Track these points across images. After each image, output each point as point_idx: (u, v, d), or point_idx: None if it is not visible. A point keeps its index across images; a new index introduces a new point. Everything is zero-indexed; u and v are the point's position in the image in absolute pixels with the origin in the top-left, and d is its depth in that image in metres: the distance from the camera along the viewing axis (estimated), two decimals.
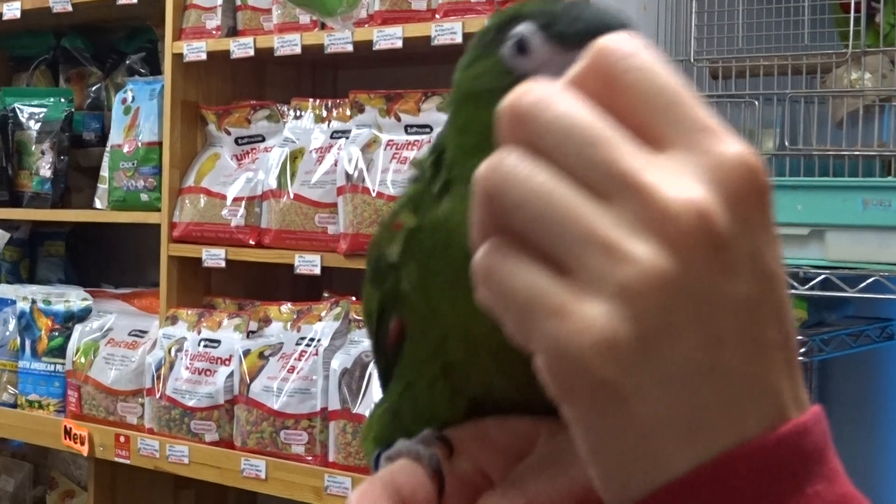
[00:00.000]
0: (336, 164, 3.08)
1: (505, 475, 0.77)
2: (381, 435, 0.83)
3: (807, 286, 2.25)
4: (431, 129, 2.94)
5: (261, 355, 3.17)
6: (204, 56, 3.37)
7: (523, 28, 0.76)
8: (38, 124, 3.96)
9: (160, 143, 3.50)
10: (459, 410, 0.80)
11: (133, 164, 3.56)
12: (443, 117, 2.89)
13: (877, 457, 2.88)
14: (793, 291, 2.27)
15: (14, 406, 3.78)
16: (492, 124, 0.66)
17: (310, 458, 3.01)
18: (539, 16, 0.77)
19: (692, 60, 2.43)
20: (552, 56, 0.76)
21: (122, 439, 3.41)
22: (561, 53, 0.75)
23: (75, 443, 3.51)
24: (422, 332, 0.80)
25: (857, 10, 2.24)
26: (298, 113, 3.30)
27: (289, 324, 3.18)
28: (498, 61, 0.77)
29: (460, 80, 0.80)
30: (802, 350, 2.28)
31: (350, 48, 3.05)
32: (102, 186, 3.77)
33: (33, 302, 3.77)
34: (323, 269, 3.08)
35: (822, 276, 2.23)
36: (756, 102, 2.34)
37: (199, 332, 3.31)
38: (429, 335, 0.79)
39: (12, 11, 3.93)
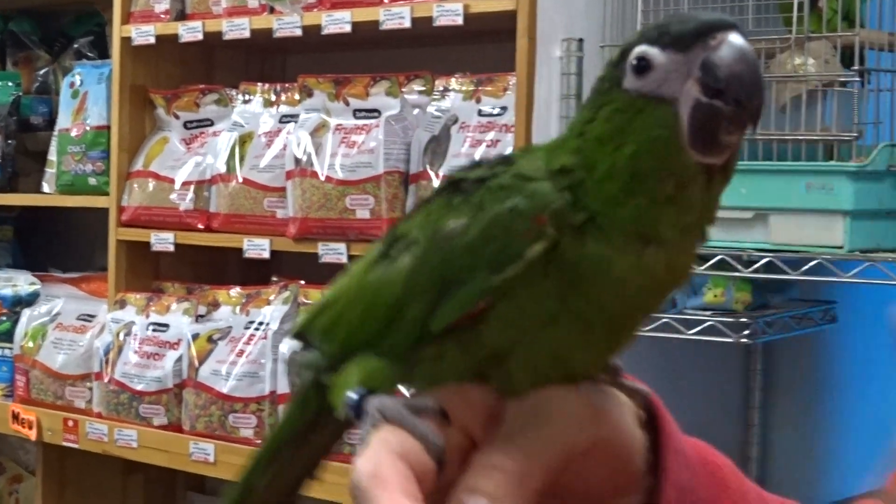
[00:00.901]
0: (285, 149, 3.09)
1: (484, 435, 0.80)
2: (367, 378, 0.83)
3: (751, 269, 2.27)
4: (380, 113, 2.94)
5: (209, 339, 3.17)
6: (152, 40, 3.36)
7: (638, 50, 0.78)
8: None
9: (108, 127, 3.49)
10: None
11: (81, 148, 3.55)
12: (391, 101, 2.90)
13: (820, 437, 2.91)
14: (737, 274, 2.30)
15: None
16: (633, 164, 0.76)
17: (258, 441, 3.01)
18: (647, 34, 0.79)
19: None
20: (673, 63, 0.77)
21: (70, 423, 3.40)
22: (681, 57, 0.77)
23: (23, 427, 3.50)
24: (501, 327, 0.80)
25: None
26: (247, 97, 3.30)
27: (237, 308, 3.18)
28: (623, 94, 0.78)
29: (593, 125, 0.79)
30: (746, 332, 2.31)
31: (299, 32, 3.05)
32: (50, 171, 3.75)
33: None
34: (272, 252, 3.08)
35: (766, 259, 2.26)
36: None
37: (147, 317, 3.31)
38: (489, 342, 0.80)
39: None
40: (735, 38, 0.77)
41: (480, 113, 2.81)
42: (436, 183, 2.79)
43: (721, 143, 0.77)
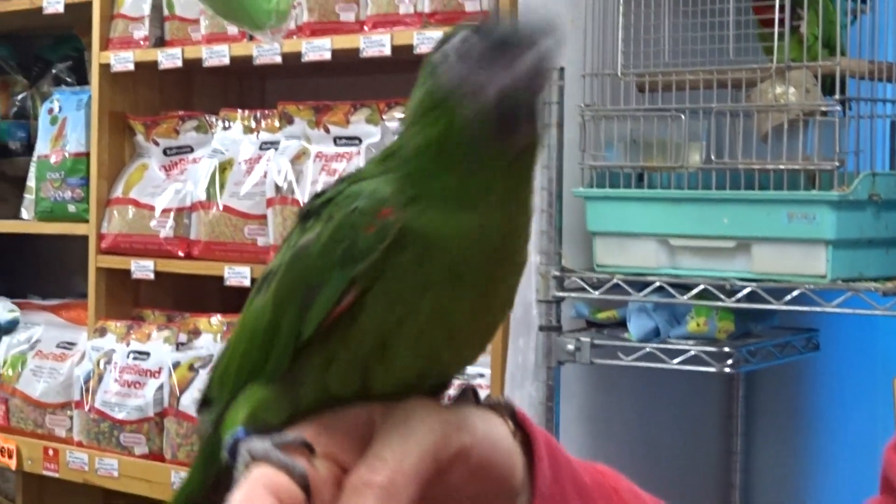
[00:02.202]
0: (265, 176, 3.08)
1: (359, 457, 0.83)
2: (251, 416, 0.87)
3: (733, 298, 2.27)
4: (360, 140, 2.94)
5: (191, 367, 3.16)
6: (132, 66, 3.36)
7: (458, 37, 0.83)
8: None
9: (88, 154, 3.48)
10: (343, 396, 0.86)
11: (60, 174, 3.54)
12: (372, 129, 2.89)
13: (802, 464, 2.91)
14: (720, 304, 2.30)
15: None
16: (441, 143, 0.81)
17: None
18: (469, 26, 0.83)
19: (619, 74, 2.45)
20: (489, 58, 0.81)
21: (50, 452, 3.38)
22: (497, 55, 0.81)
23: (3, 456, 3.49)
24: (368, 324, 0.84)
25: (782, 26, 2.27)
26: (227, 124, 3.29)
27: (219, 335, 3.17)
28: (431, 80, 0.83)
29: (411, 102, 0.85)
30: (729, 362, 2.31)
31: (279, 59, 3.05)
32: (29, 197, 3.74)
33: None
34: (252, 280, 3.07)
35: (748, 289, 2.26)
36: (683, 116, 2.35)
37: (128, 345, 3.29)
38: (370, 331, 0.84)
39: None
40: (531, 56, 0.80)
41: None
42: None
43: (510, 136, 0.81)
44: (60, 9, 3.53)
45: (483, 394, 0.91)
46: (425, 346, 0.84)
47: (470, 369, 2.66)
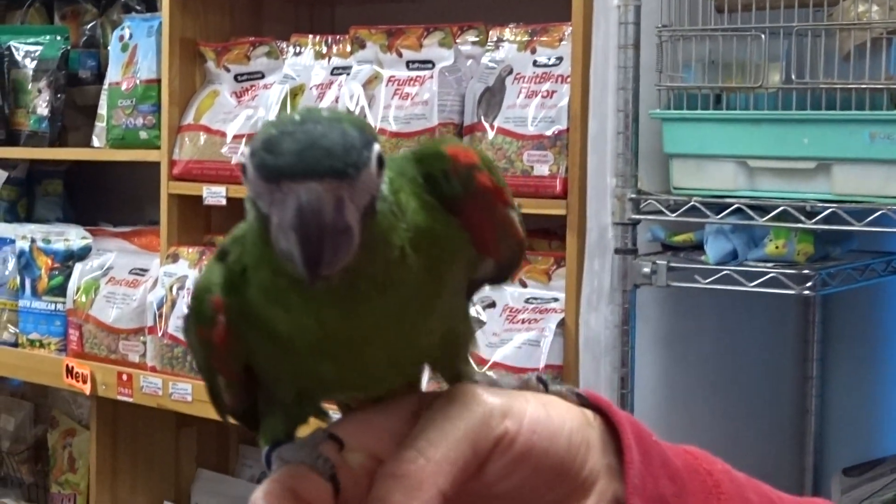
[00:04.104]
0: (337, 101, 3.07)
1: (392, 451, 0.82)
2: (271, 435, 0.87)
3: (813, 220, 2.25)
4: (433, 64, 2.92)
5: None
6: None
7: (243, 153, 0.78)
8: (35, 62, 3.94)
9: (159, 81, 3.48)
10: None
11: (131, 101, 3.54)
12: (445, 52, 2.88)
13: (880, 390, 2.89)
14: (799, 225, 2.27)
15: (15, 345, 3.78)
16: (258, 257, 0.79)
17: None
18: (254, 143, 0.77)
19: None
20: (259, 185, 0.75)
21: (124, 378, 3.41)
22: (263, 185, 0.75)
23: (77, 381, 3.52)
24: (268, 373, 0.86)
25: None
26: (298, 49, 3.28)
27: None
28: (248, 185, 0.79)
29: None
30: (809, 284, 2.28)
31: None
32: (100, 125, 3.75)
33: (32, 241, 3.76)
34: None
35: (829, 210, 2.23)
36: (762, 36, 2.32)
37: (200, 271, 3.30)
38: (276, 376, 0.86)
39: None
40: (304, 194, 0.74)
41: (535, 63, 2.79)
42: (490, 135, 2.77)
43: (308, 274, 0.76)
44: None
45: (562, 387, 0.88)
46: (342, 377, 0.84)
47: (544, 292, 2.66)
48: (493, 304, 2.73)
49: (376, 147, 0.76)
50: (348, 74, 3.09)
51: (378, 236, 0.78)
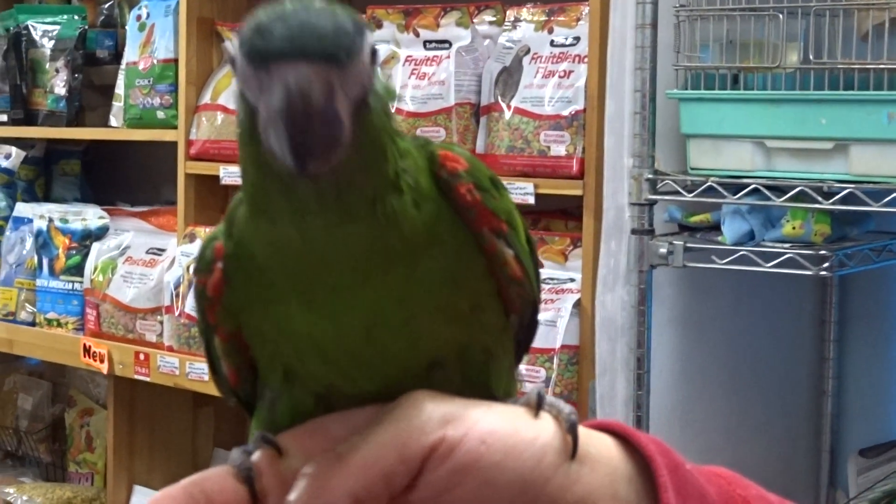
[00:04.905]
0: None
1: None
2: (255, 428, 0.87)
3: (830, 201, 2.24)
4: (450, 44, 2.92)
5: None
6: None
7: (229, 45, 0.77)
8: (52, 42, 3.94)
9: (176, 60, 3.48)
10: (310, 409, 0.84)
11: (149, 81, 3.54)
12: (462, 32, 2.87)
13: (895, 371, 2.88)
14: (816, 206, 2.27)
15: (33, 324, 3.79)
16: (240, 150, 0.78)
17: None
18: (243, 31, 0.75)
19: None
20: (248, 73, 0.74)
21: (141, 357, 3.42)
22: (252, 71, 0.74)
23: (94, 360, 3.52)
24: (258, 344, 0.85)
25: None
26: None
27: None
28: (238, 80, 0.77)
29: None
30: (826, 265, 2.28)
31: None
32: (117, 104, 3.75)
33: (50, 220, 3.77)
34: None
35: (846, 191, 2.22)
36: (780, 15, 2.31)
37: None
38: (264, 346, 0.85)
39: None
40: (293, 76, 0.72)
41: (553, 43, 2.78)
42: (507, 115, 2.77)
43: (297, 164, 0.74)
44: None
45: (565, 404, 0.83)
46: (326, 354, 0.82)
47: (561, 273, 2.65)
48: None
49: (370, 35, 0.75)
50: None
51: (372, 139, 0.76)
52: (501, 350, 0.86)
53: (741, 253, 2.34)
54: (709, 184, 2.36)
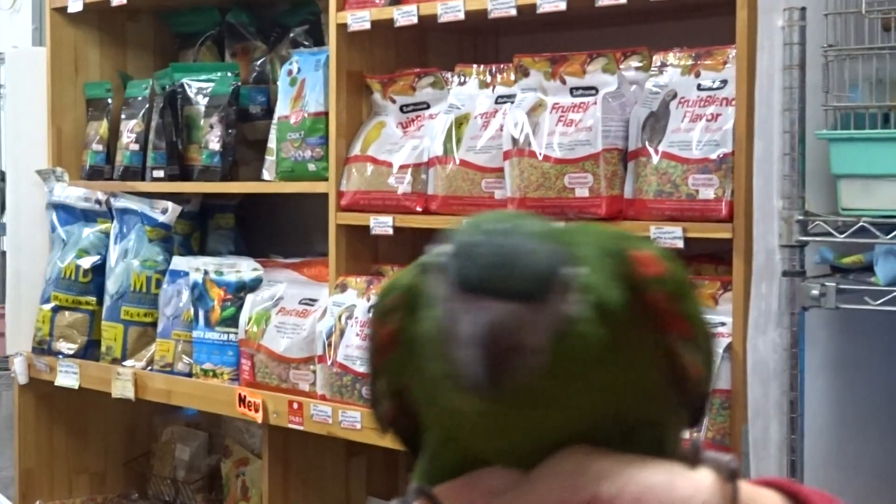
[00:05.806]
0: (501, 129, 3.08)
1: None
2: (416, 477, 0.92)
3: None
4: (597, 90, 2.92)
5: None
6: (368, 25, 3.40)
7: (436, 274, 0.81)
8: (206, 99, 4.03)
9: (326, 114, 3.54)
10: (465, 466, 0.88)
11: (300, 134, 3.60)
12: (609, 78, 2.87)
13: None
14: None
15: (189, 375, 3.86)
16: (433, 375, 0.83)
17: None
18: (447, 256, 0.79)
19: (863, 12, 2.39)
20: (459, 304, 0.78)
21: (295, 406, 3.46)
22: (465, 301, 0.78)
23: (250, 410, 3.57)
24: (422, 401, 0.90)
25: None
26: (463, 79, 3.31)
27: None
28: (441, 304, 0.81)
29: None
30: None
31: (514, 12, 3.05)
32: (270, 158, 3.82)
33: (205, 273, 3.84)
34: None
35: None
36: None
37: (368, 300, 3.34)
38: (428, 408, 0.89)
39: None
40: (492, 313, 0.77)
41: (700, 87, 2.78)
42: (655, 160, 2.76)
43: (488, 385, 0.79)
44: None
45: (721, 457, 0.85)
46: (492, 442, 0.85)
47: (711, 317, 2.63)
48: None
49: (572, 271, 0.78)
50: (512, 102, 3.10)
51: (563, 361, 0.79)
52: (667, 431, 0.88)
53: (895, 294, 2.31)
54: (861, 224, 2.33)
